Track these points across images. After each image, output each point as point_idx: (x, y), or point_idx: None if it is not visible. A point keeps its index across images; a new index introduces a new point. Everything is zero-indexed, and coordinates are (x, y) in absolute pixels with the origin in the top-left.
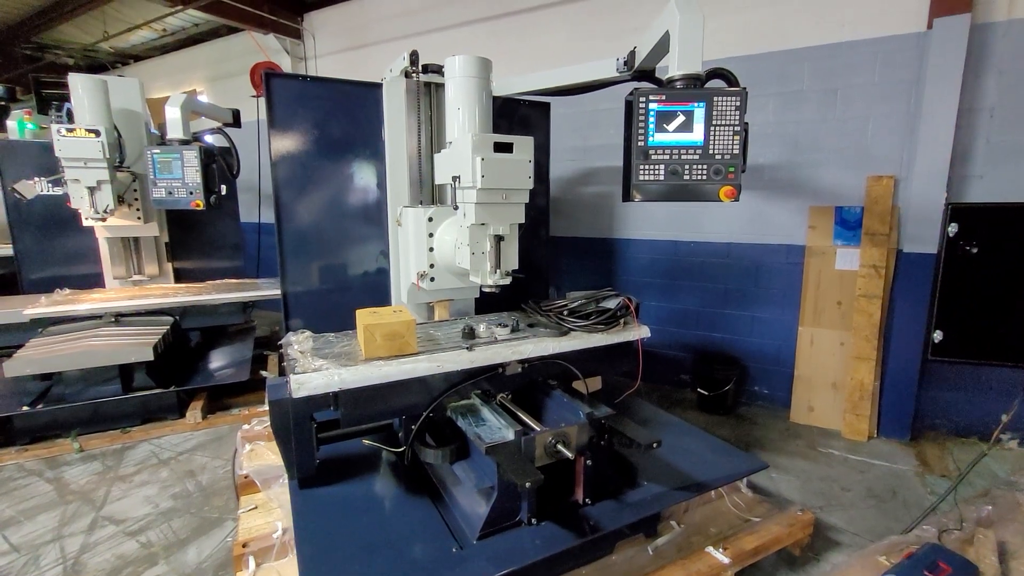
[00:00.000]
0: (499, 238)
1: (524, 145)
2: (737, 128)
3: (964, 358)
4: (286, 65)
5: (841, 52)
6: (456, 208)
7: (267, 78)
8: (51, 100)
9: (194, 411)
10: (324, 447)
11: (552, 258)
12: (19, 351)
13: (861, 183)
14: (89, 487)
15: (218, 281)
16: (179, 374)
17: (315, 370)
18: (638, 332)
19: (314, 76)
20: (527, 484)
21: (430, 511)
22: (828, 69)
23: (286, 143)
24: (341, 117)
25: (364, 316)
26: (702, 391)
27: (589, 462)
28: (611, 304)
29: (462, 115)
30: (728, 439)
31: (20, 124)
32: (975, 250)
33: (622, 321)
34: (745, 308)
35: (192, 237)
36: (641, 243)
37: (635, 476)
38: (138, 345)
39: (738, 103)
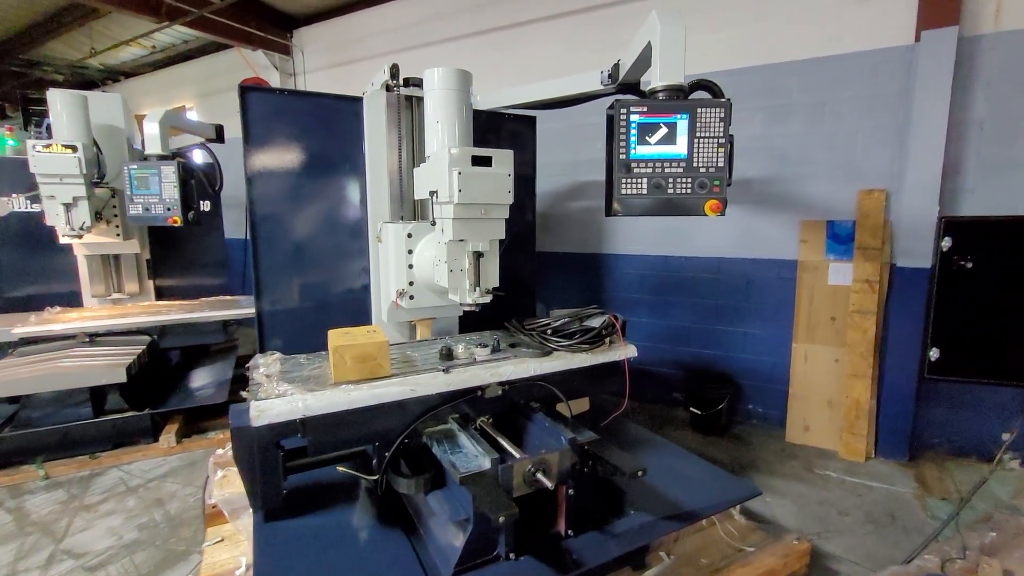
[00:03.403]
0: (478, 254)
1: (503, 159)
2: (722, 140)
3: (961, 376)
4: (275, 81)
5: (828, 65)
6: (434, 224)
7: (243, 92)
8: (37, 117)
9: (168, 435)
10: (298, 475)
11: (541, 274)
12: None
13: (852, 197)
14: (51, 517)
15: (200, 299)
16: (155, 396)
17: (278, 396)
18: (624, 351)
19: (292, 90)
20: (501, 519)
21: (403, 545)
22: (816, 83)
23: (262, 158)
24: (320, 131)
25: (336, 337)
26: (695, 410)
27: (571, 491)
28: (596, 322)
29: (441, 128)
30: (722, 461)
31: (2, 140)
32: (970, 264)
33: (607, 340)
34: (737, 324)
35: (175, 254)
36: (631, 258)
37: (622, 504)
38: (110, 366)
39: (722, 115)
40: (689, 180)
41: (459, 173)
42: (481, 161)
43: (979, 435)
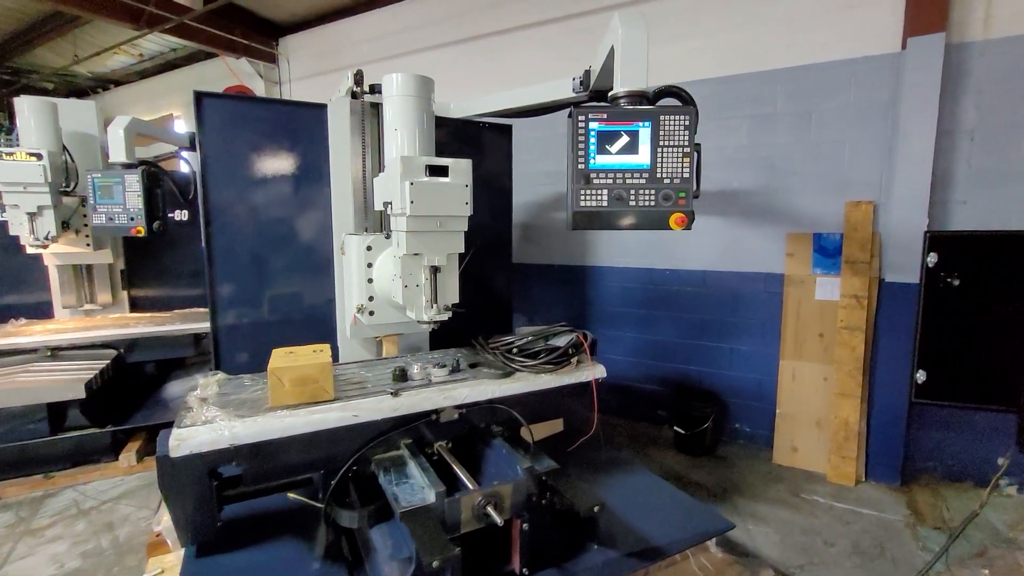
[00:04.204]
0: (435, 269)
1: (461, 169)
2: (687, 150)
3: (949, 400)
4: (259, 89)
5: (814, 73)
6: (388, 236)
7: (198, 98)
8: (8, 124)
9: (128, 453)
10: (245, 502)
11: (524, 286)
12: None
13: (840, 208)
14: None
15: (172, 311)
16: (120, 412)
17: (205, 422)
18: (592, 372)
19: (253, 96)
20: (434, 563)
21: None
22: (802, 91)
23: (218, 167)
24: (284, 139)
25: (277, 357)
26: (679, 429)
27: (527, 525)
28: (562, 341)
29: (400, 136)
30: (705, 484)
31: None
32: (956, 282)
33: (575, 360)
34: (723, 340)
35: (151, 264)
36: (615, 271)
37: (584, 539)
38: (69, 382)
39: (687, 122)
40: (653, 192)
41: (411, 184)
42: (437, 171)
43: (974, 459)
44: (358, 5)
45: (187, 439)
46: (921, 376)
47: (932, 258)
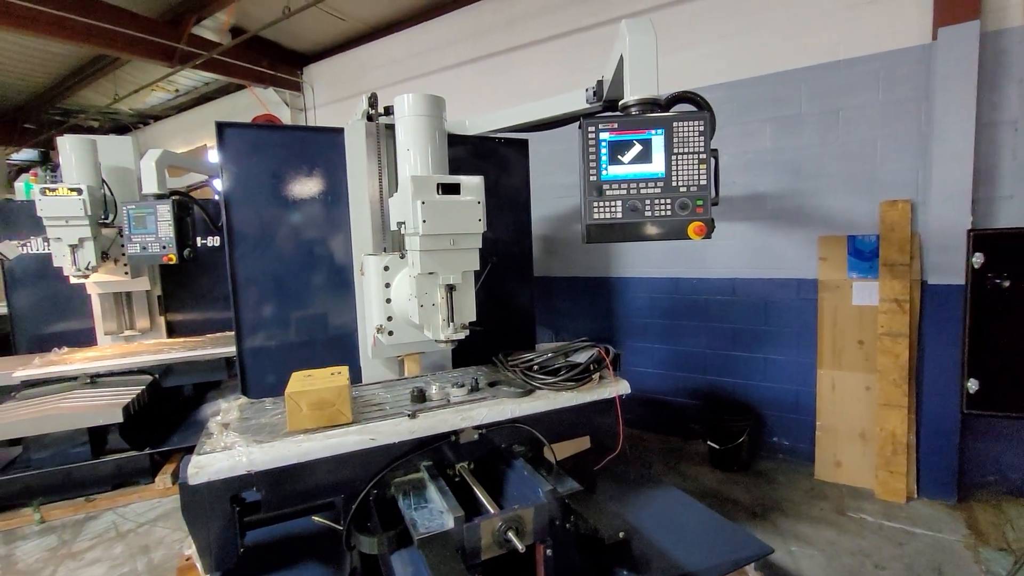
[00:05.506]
0: (451, 288)
1: (472, 185)
2: (703, 156)
3: (1005, 411)
4: (286, 117)
5: (839, 71)
6: (402, 256)
7: (219, 128)
8: (52, 163)
9: (164, 476)
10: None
11: (549, 300)
12: None
13: (874, 209)
14: (37, 567)
15: (205, 336)
16: (158, 435)
17: (224, 448)
18: (616, 388)
19: (273, 124)
20: None
21: None
22: (826, 90)
23: (241, 193)
24: (303, 164)
25: (295, 382)
26: (713, 444)
27: (550, 551)
28: (583, 357)
29: (412, 156)
30: (743, 501)
31: (27, 185)
32: (1007, 283)
33: (597, 376)
34: (756, 350)
35: (186, 290)
36: (640, 281)
37: (612, 565)
38: (108, 406)
39: (701, 127)
40: (669, 201)
41: (422, 203)
42: (449, 189)
43: None
44: (375, 32)
45: (206, 466)
46: (973, 385)
47: (978, 258)
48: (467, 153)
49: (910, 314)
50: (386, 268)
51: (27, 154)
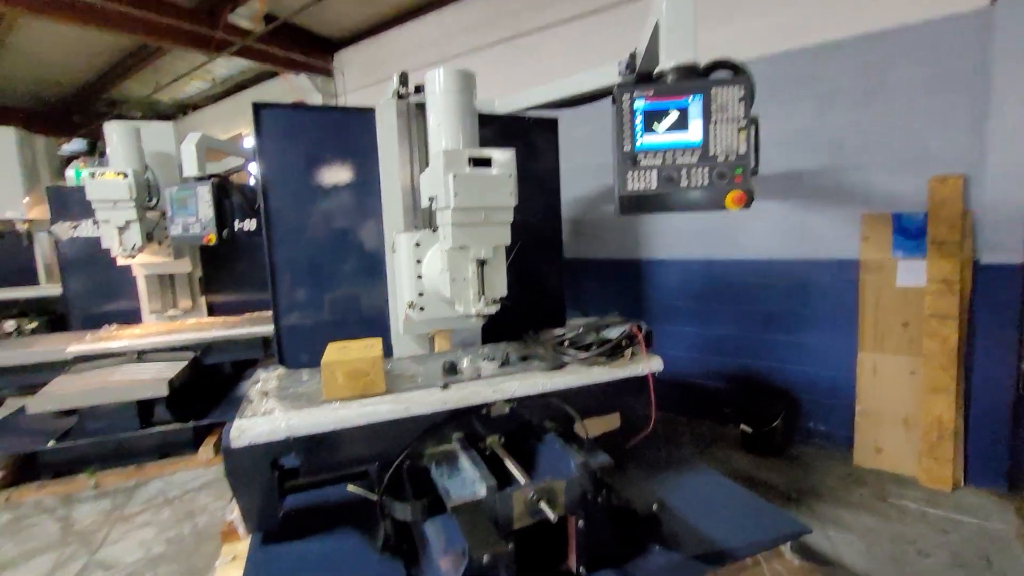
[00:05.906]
0: (482, 262)
1: (504, 159)
2: (743, 123)
3: None
4: (317, 102)
5: (884, 41)
6: (434, 231)
7: (256, 110)
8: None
9: (207, 447)
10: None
11: (579, 282)
12: (43, 388)
13: (921, 186)
14: (92, 528)
15: (243, 315)
16: (201, 409)
17: (264, 413)
18: (648, 365)
19: (305, 104)
20: (485, 558)
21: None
22: (870, 62)
23: (276, 175)
24: (335, 144)
25: (331, 352)
26: (746, 428)
27: (582, 523)
28: (614, 333)
29: (442, 131)
30: (777, 485)
31: (76, 172)
32: None
33: (629, 352)
34: (792, 333)
35: (224, 271)
36: (671, 263)
37: (645, 540)
38: (154, 381)
39: (742, 93)
40: (706, 170)
41: (454, 176)
42: (480, 162)
43: None
44: (403, 16)
45: (247, 430)
46: None
47: None
48: (495, 133)
49: (959, 295)
50: (417, 244)
51: (76, 145)
